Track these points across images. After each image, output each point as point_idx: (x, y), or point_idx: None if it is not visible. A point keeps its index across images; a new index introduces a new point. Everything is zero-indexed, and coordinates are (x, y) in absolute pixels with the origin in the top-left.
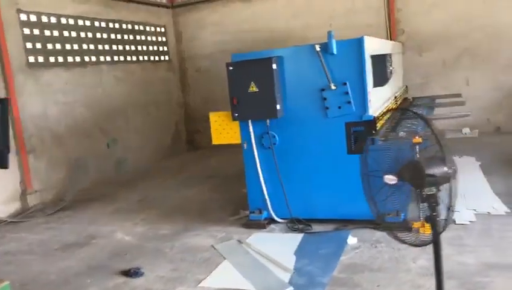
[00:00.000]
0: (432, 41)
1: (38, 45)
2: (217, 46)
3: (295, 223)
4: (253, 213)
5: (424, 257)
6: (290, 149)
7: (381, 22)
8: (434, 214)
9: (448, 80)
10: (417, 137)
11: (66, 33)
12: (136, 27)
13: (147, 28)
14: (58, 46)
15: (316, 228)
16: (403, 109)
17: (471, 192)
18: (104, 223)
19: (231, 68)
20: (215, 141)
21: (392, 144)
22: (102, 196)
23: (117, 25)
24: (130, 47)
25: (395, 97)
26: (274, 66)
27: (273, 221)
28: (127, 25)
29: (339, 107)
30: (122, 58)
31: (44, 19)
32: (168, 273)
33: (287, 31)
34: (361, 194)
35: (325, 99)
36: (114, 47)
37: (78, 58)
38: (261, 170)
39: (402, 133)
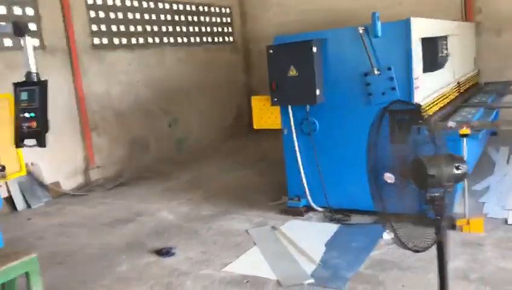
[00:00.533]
0: None
1: (103, 27)
2: (279, 27)
3: (333, 213)
4: (292, 200)
5: (464, 257)
6: (330, 136)
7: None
8: (438, 217)
9: None
10: (465, 128)
11: (130, 15)
12: (201, 8)
13: (212, 9)
14: (122, 28)
15: (355, 219)
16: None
17: None
18: (153, 201)
19: (271, 51)
20: (256, 126)
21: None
22: (158, 174)
23: (181, 7)
24: (193, 28)
25: (458, 83)
26: (314, 49)
27: (311, 209)
28: (191, 6)
29: (383, 94)
30: (185, 39)
31: (109, 1)
32: (197, 255)
33: (351, 11)
34: None
35: (368, 84)
36: (177, 28)
37: (141, 40)
38: (301, 156)
39: (452, 122)
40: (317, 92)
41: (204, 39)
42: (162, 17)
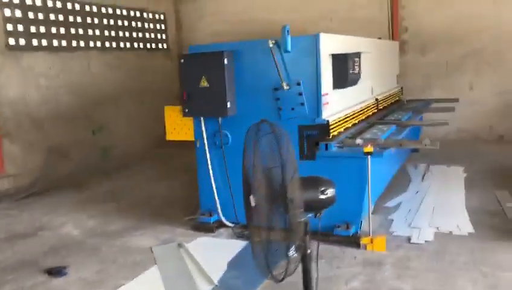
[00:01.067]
0: (436, 42)
1: (20, 27)
2: (214, 37)
3: (243, 229)
4: (203, 215)
5: (361, 277)
6: (242, 150)
7: (384, 18)
8: (301, 244)
9: (450, 83)
10: (369, 145)
11: (52, 16)
12: (132, 13)
13: (145, 15)
14: (42, 29)
15: None
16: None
17: (442, 207)
18: (61, 213)
19: (183, 61)
20: (169, 137)
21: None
22: (76, 185)
23: (110, 10)
24: (124, 33)
25: (376, 99)
26: (226, 60)
27: (223, 225)
28: (121, 10)
29: (292, 109)
30: (114, 44)
31: (28, 1)
32: (92, 275)
33: (285, 23)
34: None
35: (278, 99)
36: (106, 33)
37: (64, 43)
38: (213, 170)
39: (359, 140)
40: (229, 104)
41: (136, 45)
42: (89, 20)
